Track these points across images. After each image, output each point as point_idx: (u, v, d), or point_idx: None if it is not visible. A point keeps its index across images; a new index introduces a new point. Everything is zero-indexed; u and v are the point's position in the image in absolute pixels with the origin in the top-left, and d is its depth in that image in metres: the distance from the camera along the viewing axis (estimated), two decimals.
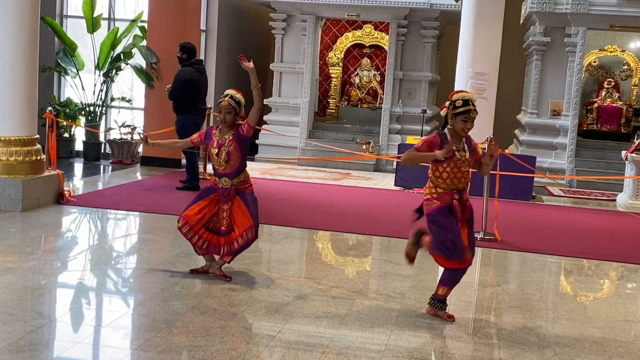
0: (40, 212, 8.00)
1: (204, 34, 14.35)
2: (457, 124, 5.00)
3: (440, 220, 5.04)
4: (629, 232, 9.11)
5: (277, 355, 4.30)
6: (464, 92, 5.11)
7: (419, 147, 5.03)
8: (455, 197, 5.03)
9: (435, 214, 5.05)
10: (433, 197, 5.07)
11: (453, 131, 5.04)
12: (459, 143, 5.03)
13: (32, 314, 4.77)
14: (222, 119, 5.78)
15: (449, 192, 5.04)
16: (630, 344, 4.99)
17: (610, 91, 14.97)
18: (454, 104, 5.02)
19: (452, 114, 5.01)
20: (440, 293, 5.24)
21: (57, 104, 12.95)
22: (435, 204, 5.05)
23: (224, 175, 5.70)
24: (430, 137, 5.08)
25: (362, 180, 12.40)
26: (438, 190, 5.06)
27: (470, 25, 11.56)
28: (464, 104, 4.98)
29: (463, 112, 4.97)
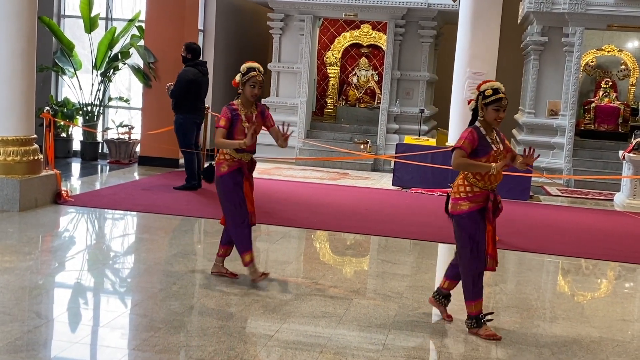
0: (38, 212, 7.99)
1: (202, 34, 14.34)
2: (488, 114, 4.80)
3: (469, 226, 4.82)
4: (627, 231, 9.12)
5: (274, 355, 4.30)
6: (492, 82, 4.92)
7: (464, 146, 4.77)
8: (490, 199, 4.82)
9: (465, 217, 4.82)
10: (467, 196, 4.82)
11: (485, 123, 4.84)
12: (492, 135, 4.85)
13: (29, 313, 4.77)
14: (255, 93, 5.64)
15: (485, 192, 4.82)
16: (628, 343, 5.00)
17: (607, 91, 14.99)
18: (483, 94, 4.82)
19: (482, 104, 4.82)
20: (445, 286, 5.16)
21: (54, 103, 12.95)
22: (465, 205, 4.82)
23: (248, 151, 5.65)
24: (466, 133, 4.82)
25: (360, 180, 12.40)
26: (474, 190, 4.81)
27: (468, 25, 11.57)
28: (494, 93, 4.80)
29: (494, 100, 4.78)
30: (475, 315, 4.90)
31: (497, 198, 4.88)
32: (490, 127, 4.89)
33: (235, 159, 5.65)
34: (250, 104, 5.70)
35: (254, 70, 5.65)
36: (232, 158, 5.64)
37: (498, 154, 4.81)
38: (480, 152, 4.79)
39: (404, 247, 7.64)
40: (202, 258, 6.68)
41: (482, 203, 4.83)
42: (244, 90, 5.65)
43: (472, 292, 4.91)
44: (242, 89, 5.66)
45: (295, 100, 14.63)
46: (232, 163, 5.65)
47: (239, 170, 5.66)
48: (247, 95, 5.64)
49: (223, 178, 5.68)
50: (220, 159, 5.71)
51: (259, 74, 5.65)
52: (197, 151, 10.13)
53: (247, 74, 5.64)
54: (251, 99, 5.66)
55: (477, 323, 4.90)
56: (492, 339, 4.79)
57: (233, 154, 5.64)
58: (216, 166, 5.76)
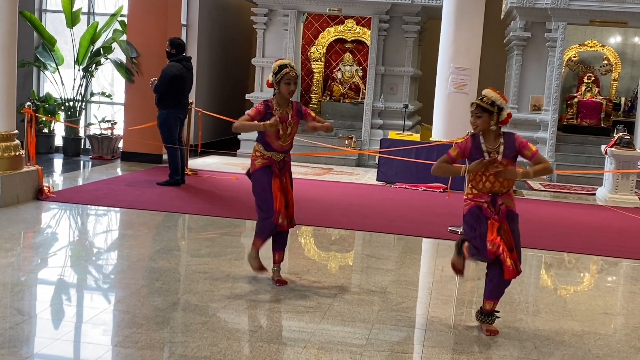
0: (19, 208, 7.93)
1: (185, 29, 14.27)
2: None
3: (469, 219, 4.91)
4: (609, 225, 9.18)
5: (258, 350, 4.30)
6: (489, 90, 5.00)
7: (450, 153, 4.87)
8: (486, 200, 4.82)
9: (467, 214, 4.93)
10: (469, 197, 4.94)
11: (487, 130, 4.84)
12: (491, 144, 4.80)
13: (11, 310, 4.73)
14: (292, 90, 5.51)
15: (481, 195, 4.85)
16: (610, 336, 5.04)
17: (590, 86, 15.08)
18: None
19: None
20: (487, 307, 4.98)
21: (36, 99, 12.85)
22: (468, 204, 4.93)
23: (281, 151, 5.57)
24: (462, 142, 4.91)
25: (345, 175, 12.40)
26: (473, 192, 4.91)
27: (452, 20, 11.59)
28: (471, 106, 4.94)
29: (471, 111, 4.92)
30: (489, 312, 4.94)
31: (496, 200, 4.81)
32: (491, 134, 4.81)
33: (266, 156, 5.56)
34: (286, 102, 5.57)
35: (286, 67, 5.50)
36: (262, 155, 5.57)
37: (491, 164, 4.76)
38: (471, 160, 4.83)
39: (388, 242, 7.65)
40: (185, 254, 6.66)
41: (481, 201, 4.85)
42: (280, 89, 5.51)
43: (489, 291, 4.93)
44: (277, 88, 5.52)
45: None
46: (263, 160, 5.57)
47: (269, 167, 5.57)
48: (283, 93, 5.50)
49: (254, 174, 5.63)
50: (253, 156, 5.64)
51: (292, 70, 5.50)
52: (180, 147, 10.08)
53: (280, 72, 5.48)
54: (288, 96, 5.53)
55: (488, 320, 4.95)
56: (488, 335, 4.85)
57: (262, 151, 5.57)
58: (250, 162, 5.69)
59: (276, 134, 5.49)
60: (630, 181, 11.00)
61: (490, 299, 4.92)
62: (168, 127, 9.93)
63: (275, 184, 5.56)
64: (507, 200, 4.86)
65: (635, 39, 15.93)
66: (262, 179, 5.57)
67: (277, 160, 5.59)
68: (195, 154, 12.95)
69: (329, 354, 4.32)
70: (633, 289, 6.48)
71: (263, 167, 5.57)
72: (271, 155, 5.57)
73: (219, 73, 16.00)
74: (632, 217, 9.61)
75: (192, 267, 6.05)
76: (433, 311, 5.31)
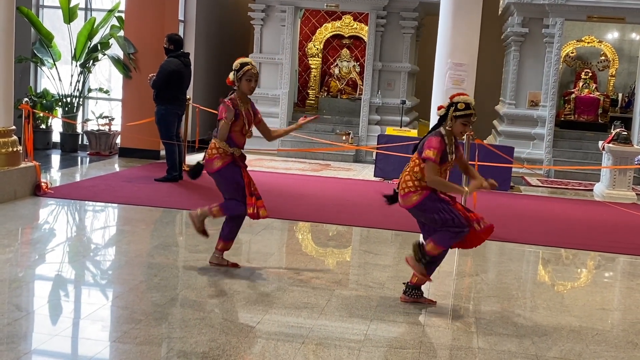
0: (17, 204, 7.92)
1: (182, 24, 14.24)
2: (456, 126, 5.04)
3: (433, 206, 5.04)
4: (606, 221, 9.20)
5: (256, 346, 4.30)
6: (465, 96, 5.13)
7: (435, 159, 4.97)
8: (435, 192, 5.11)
9: (425, 201, 5.05)
10: (417, 190, 5.07)
11: (449, 132, 5.07)
12: (450, 144, 5.09)
13: (9, 306, 4.73)
14: (252, 86, 5.69)
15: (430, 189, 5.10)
16: (607, 332, 5.05)
17: (587, 82, 15.09)
18: (455, 106, 5.04)
19: (452, 115, 5.03)
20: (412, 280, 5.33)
21: (33, 95, 12.82)
22: (420, 193, 5.06)
23: (242, 146, 5.72)
24: (436, 143, 5.01)
25: (342, 171, 12.41)
26: (422, 184, 5.07)
27: (449, 16, 11.58)
28: (466, 108, 5.02)
29: (464, 115, 5.01)
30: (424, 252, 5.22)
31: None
32: (452, 136, 5.12)
33: (228, 152, 5.63)
34: (247, 99, 5.72)
35: (247, 64, 5.67)
36: (225, 152, 5.62)
37: (450, 164, 5.13)
38: (440, 161, 5.03)
39: (386, 237, 7.66)
40: (183, 250, 6.66)
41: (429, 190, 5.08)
42: (241, 86, 5.66)
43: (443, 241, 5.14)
44: (238, 84, 5.67)
45: (277, 91, 14.59)
46: (225, 157, 5.63)
47: (233, 162, 5.66)
48: (244, 90, 5.66)
49: (220, 171, 5.65)
50: (213, 154, 5.64)
51: (253, 67, 5.68)
52: (178, 143, 10.08)
53: (241, 69, 5.65)
54: (248, 93, 5.69)
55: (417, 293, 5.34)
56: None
57: (226, 148, 5.62)
58: (208, 162, 5.69)
59: (242, 130, 5.64)
60: (627, 177, 11.02)
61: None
62: (166, 123, 9.92)
63: (246, 176, 5.66)
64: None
65: (632, 35, 15.94)
66: (232, 173, 5.64)
67: (237, 156, 5.70)
68: (192, 150, 12.94)
69: (327, 349, 4.33)
70: (630, 284, 6.50)
71: (229, 163, 5.63)
72: (233, 151, 5.65)
73: (216, 69, 15.98)
74: (629, 212, 9.62)
75: (190, 263, 6.05)
76: (431, 307, 5.32)
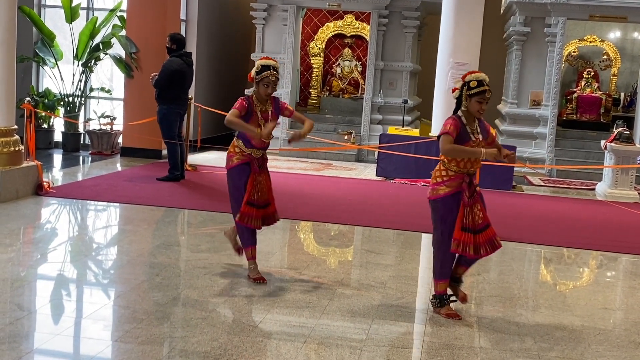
0: (19, 203, 7.93)
1: (184, 24, 14.25)
2: (472, 105, 4.92)
3: (442, 209, 4.97)
4: (608, 221, 9.19)
5: (258, 345, 4.30)
6: (477, 73, 5.02)
7: (450, 131, 4.87)
8: (465, 180, 4.95)
9: (440, 202, 4.97)
10: (443, 180, 4.96)
11: (467, 113, 4.96)
12: (472, 125, 4.98)
13: (11, 306, 4.73)
14: (268, 92, 5.52)
15: (460, 176, 4.95)
16: (609, 331, 5.04)
17: (589, 81, 15.08)
18: (468, 85, 4.94)
19: (466, 95, 4.93)
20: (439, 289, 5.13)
21: (35, 94, 12.83)
22: (442, 190, 4.96)
23: (261, 148, 5.56)
24: (450, 120, 4.95)
25: (344, 171, 12.40)
26: (449, 173, 4.95)
27: (451, 15, 11.57)
28: (478, 85, 4.91)
29: (478, 92, 4.90)
30: (440, 295, 5.10)
31: (472, 181, 4.99)
32: (472, 117, 5.00)
33: (245, 153, 5.53)
34: (265, 100, 5.57)
35: (267, 69, 5.51)
36: (242, 152, 5.54)
37: (476, 144, 4.95)
38: (458, 140, 4.91)
39: (388, 237, 7.66)
40: (185, 249, 6.66)
41: (458, 187, 4.96)
42: (258, 89, 5.54)
43: (439, 272, 5.09)
44: (256, 86, 5.55)
45: (279, 90, 14.54)
46: (242, 156, 5.54)
47: (248, 164, 5.54)
48: (260, 93, 5.52)
49: (231, 171, 5.59)
50: (230, 152, 5.59)
51: (272, 74, 5.51)
52: (180, 142, 10.08)
53: (260, 73, 5.51)
54: (264, 97, 5.54)
55: (440, 302, 5.09)
56: (452, 318, 4.98)
57: (242, 148, 5.53)
58: (227, 160, 5.63)
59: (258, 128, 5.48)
60: (629, 176, 11.00)
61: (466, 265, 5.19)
62: (168, 122, 9.92)
63: (250, 183, 5.51)
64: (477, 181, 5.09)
65: (634, 34, 15.92)
66: (238, 177, 5.54)
67: (256, 157, 5.56)
68: (194, 150, 12.95)
69: (329, 349, 4.32)
70: (632, 284, 6.49)
71: (242, 163, 5.53)
72: (251, 152, 5.54)
73: (218, 68, 15.99)
74: (632, 212, 9.61)
75: (192, 263, 6.05)
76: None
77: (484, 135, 5.03)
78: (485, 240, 4.98)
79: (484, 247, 4.98)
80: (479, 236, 4.96)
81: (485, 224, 4.99)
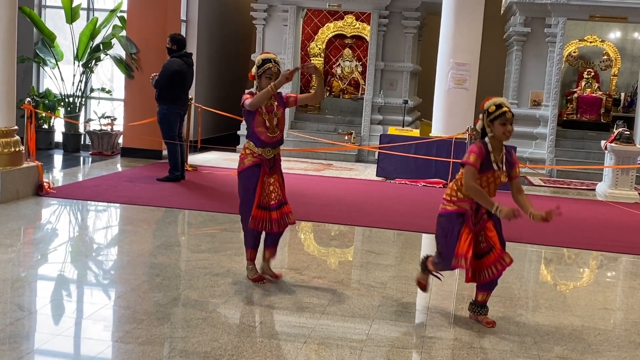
0: (20, 204, 7.93)
1: (184, 24, 14.26)
2: (496, 129, 4.79)
3: (444, 224, 4.92)
4: (608, 221, 9.19)
5: (258, 346, 4.30)
6: (494, 98, 4.92)
7: (475, 163, 4.76)
8: (472, 207, 4.87)
9: (444, 217, 4.93)
10: (452, 199, 4.92)
11: (494, 140, 4.84)
12: (498, 154, 4.86)
13: (11, 306, 4.73)
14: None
15: (469, 201, 4.88)
16: (610, 332, 5.04)
17: (589, 81, 15.09)
18: (487, 112, 4.84)
19: (488, 121, 4.83)
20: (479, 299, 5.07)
21: (35, 95, 12.84)
22: (448, 206, 4.91)
23: (270, 144, 5.44)
24: (476, 148, 4.82)
25: (344, 171, 12.40)
26: (459, 195, 4.90)
27: (451, 15, 11.59)
28: (497, 108, 4.81)
29: (499, 115, 4.79)
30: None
31: (480, 209, 4.88)
32: (499, 145, 4.87)
33: (256, 153, 5.45)
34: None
35: (269, 61, 5.44)
36: (252, 153, 5.45)
37: (496, 176, 4.86)
38: (481, 168, 4.81)
39: (388, 237, 7.66)
40: (185, 250, 6.66)
41: (465, 209, 4.88)
42: (260, 83, 5.45)
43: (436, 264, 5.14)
44: (259, 81, 5.47)
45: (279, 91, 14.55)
46: (253, 158, 5.45)
47: (258, 166, 5.45)
48: (263, 87, 5.42)
49: (242, 174, 5.50)
50: (242, 154, 5.51)
51: (275, 65, 5.44)
52: (180, 142, 10.09)
53: (262, 66, 5.44)
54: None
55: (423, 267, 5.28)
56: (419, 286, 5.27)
57: (253, 149, 5.44)
58: (239, 160, 5.54)
59: (264, 125, 5.41)
60: (629, 176, 11.00)
61: (484, 290, 5.03)
62: (168, 123, 9.93)
63: (259, 185, 5.45)
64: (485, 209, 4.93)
65: (635, 34, 15.92)
66: (249, 180, 5.46)
67: (267, 159, 5.48)
68: (195, 150, 12.96)
69: (329, 349, 4.33)
70: (633, 284, 6.49)
71: (252, 165, 5.44)
72: (262, 152, 5.45)
73: (218, 69, 15.99)
74: (632, 212, 9.61)
75: (193, 263, 6.05)
76: (433, 306, 5.32)
77: (508, 168, 4.91)
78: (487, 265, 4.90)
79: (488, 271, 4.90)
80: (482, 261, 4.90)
81: (489, 248, 4.90)
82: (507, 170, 4.91)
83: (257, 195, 5.44)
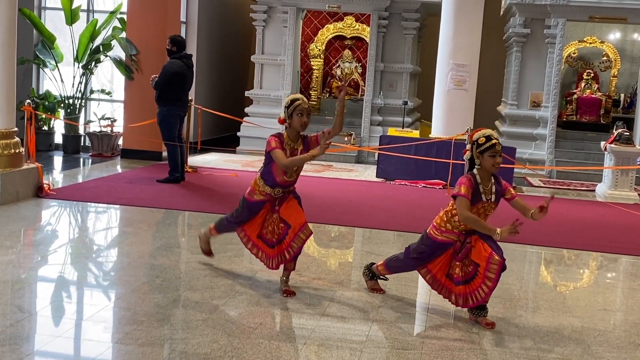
0: (20, 205, 7.94)
1: (184, 26, 14.27)
2: (485, 161, 4.84)
3: (426, 247, 5.08)
4: (608, 222, 9.19)
5: (258, 347, 4.30)
6: (483, 130, 4.97)
7: (466, 194, 4.81)
8: (460, 239, 4.96)
9: (429, 240, 5.05)
10: (441, 229, 4.99)
11: (482, 171, 4.88)
12: (487, 184, 4.90)
13: (11, 307, 4.74)
14: (305, 121, 5.26)
15: (457, 233, 4.96)
16: (609, 332, 5.05)
17: (589, 82, 15.09)
18: (476, 143, 4.88)
19: (477, 153, 4.87)
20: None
21: (35, 96, 12.85)
22: (438, 236, 5.00)
23: (282, 186, 5.38)
24: (464, 180, 4.87)
25: (344, 172, 12.41)
26: (447, 227, 4.96)
27: (451, 17, 11.59)
28: (487, 140, 4.86)
29: (488, 147, 4.83)
30: (374, 270, 5.54)
31: (466, 239, 4.95)
32: (488, 175, 4.91)
33: (264, 192, 5.39)
34: (297, 137, 5.32)
35: (298, 99, 5.30)
36: (261, 192, 5.40)
37: (485, 207, 4.91)
38: (471, 200, 4.85)
39: (388, 238, 7.66)
40: (185, 251, 6.67)
41: (453, 240, 4.99)
42: (292, 123, 5.27)
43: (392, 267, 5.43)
44: (290, 121, 5.29)
45: (279, 92, 14.60)
46: (262, 196, 5.42)
47: (263, 202, 5.44)
48: (296, 126, 5.26)
49: (246, 202, 5.49)
50: (253, 187, 5.45)
51: (304, 102, 5.30)
52: (180, 144, 10.09)
53: (292, 104, 5.28)
54: (300, 129, 5.27)
55: (372, 275, 5.58)
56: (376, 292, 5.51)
57: (263, 188, 5.38)
58: (249, 190, 5.48)
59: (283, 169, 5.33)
60: (629, 177, 11.01)
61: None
62: (168, 124, 9.93)
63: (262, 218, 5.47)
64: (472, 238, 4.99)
65: (634, 35, 15.94)
66: (252, 210, 5.47)
67: (275, 197, 5.43)
68: (194, 151, 12.96)
69: (329, 350, 4.33)
70: (632, 285, 6.49)
71: (258, 201, 5.44)
72: (271, 192, 5.39)
73: (218, 70, 16.00)
74: (632, 213, 9.62)
75: (193, 264, 6.06)
76: (433, 307, 5.32)
77: (498, 197, 4.94)
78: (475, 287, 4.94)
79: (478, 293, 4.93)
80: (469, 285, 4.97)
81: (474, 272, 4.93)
82: (497, 200, 4.96)
83: (259, 227, 5.51)
